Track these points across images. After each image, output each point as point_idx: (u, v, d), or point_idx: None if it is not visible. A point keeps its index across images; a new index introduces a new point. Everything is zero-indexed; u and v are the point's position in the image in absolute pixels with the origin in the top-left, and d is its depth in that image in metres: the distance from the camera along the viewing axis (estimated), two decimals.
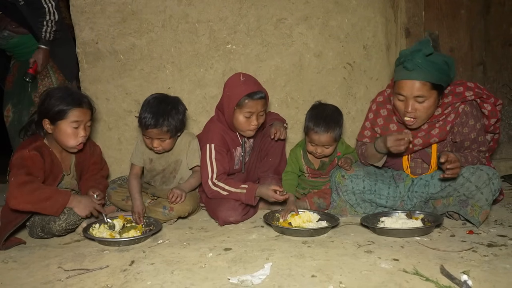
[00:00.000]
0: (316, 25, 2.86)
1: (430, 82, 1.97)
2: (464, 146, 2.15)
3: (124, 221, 2.14)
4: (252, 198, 2.20)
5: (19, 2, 2.67)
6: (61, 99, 2.04)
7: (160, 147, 2.27)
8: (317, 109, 2.38)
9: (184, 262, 1.67)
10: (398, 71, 2.04)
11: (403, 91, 2.01)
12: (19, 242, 1.98)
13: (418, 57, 1.94)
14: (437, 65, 1.96)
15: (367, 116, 2.34)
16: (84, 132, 2.09)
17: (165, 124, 2.19)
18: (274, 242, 1.89)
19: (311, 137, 2.32)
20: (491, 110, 2.14)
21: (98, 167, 2.39)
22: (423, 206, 2.27)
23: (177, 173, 2.41)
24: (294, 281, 1.45)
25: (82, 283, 1.51)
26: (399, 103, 2.07)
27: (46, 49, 2.78)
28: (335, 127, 2.30)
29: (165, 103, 2.26)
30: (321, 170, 2.47)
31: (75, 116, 2.04)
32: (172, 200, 2.17)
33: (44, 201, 1.92)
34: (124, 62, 2.82)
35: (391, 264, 1.59)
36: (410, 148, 2.16)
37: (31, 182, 1.92)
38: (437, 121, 2.12)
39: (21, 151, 2.00)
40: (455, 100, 2.09)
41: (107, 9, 2.76)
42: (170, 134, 2.24)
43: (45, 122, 2.06)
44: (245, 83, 2.23)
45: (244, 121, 2.25)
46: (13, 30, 2.78)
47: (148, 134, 2.24)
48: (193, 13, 2.80)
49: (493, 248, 1.74)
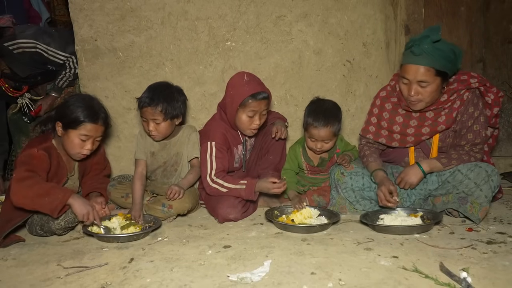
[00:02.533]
0: (316, 22, 2.86)
1: (435, 68, 1.99)
2: (461, 135, 2.16)
3: (123, 218, 2.13)
4: (252, 193, 2.20)
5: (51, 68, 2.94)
6: (79, 109, 2.04)
7: (156, 132, 2.28)
8: (316, 104, 2.38)
9: (183, 259, 1.67)
10: (406, 55, 2.08)
11: (407, 74, 2.05)
12: (18, 239, 1.98)
13: (425, 43, 1.97)
14: (443, 52, 1.99)
15: (371, 111, 2.34)
16: (91, 146, 2.09)
17: (159, 103, 2.22)
18: (273, 240, 1.89)
19: (311, 132, 2.32)
20: (494, 99, 2.17)
21: (100, 166, 2.39)
22: (422, 203, 2.27)
23: (178, 166, 2.42)
24: (294, 278, 1.45)
25: (81, 281, 1.51)
26: (403, 86, 2.11)
27: (55, 97, 3.00)
28: (334, 121, 2.30)
29: (165, 87, 2.32)
30: (320, 166, 2.47)
31: (86, 130, 2.05)
32: (171, 197, 2.17)
33: (43, 197, 1.88)
34: (123, 60, 2.81)
35: (391, 261, 1.59)
36: (417, 138, 2.19)
37: (31, 178, 1.90)
38: (443, 108, 2.14)
39: (30, 149, 2.00)
40: (460, 87, 2.12)
41: (105, 6, 2.75)
42: (164, 115, 2.25)
43: (58, 125, 2.08)
44: (249, 83, 2.22)
45: (246, 121, 2.25)
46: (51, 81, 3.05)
47: (143, 115, 2.28)
48: (192, 10, 2.79)
49: (492, 245, 1.74)
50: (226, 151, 2.34)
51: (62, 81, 2.93)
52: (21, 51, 2.78)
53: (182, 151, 2.40)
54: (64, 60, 2.86)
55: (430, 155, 2.22)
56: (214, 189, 2.25)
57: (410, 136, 2.21)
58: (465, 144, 2.15)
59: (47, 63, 2.88)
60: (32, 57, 2.81)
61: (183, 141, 2.40)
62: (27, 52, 2.79)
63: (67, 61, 2.87)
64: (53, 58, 2.85)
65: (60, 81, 2.93)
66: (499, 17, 3.11)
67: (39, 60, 2.85)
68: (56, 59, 2.85)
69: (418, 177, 2.15)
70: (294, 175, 2.49)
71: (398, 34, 3.00)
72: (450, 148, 2.20)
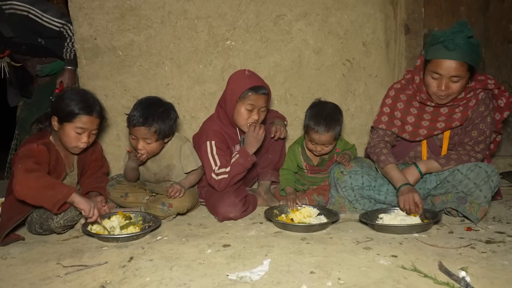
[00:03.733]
0: (316, 21, 2.86)
1: (467, 63, 2.00)
2: (466, 131, 2.17)
3: (123, 218, 2.13)
4: (246, 153, 2.22)
5: (40, 42, 2.86)
6: (74, 101, 2.04)
7: (144, 150, 2.21)
8: (317, 107, 2.37)
9: (183, 258, 1.67)
10: (436, 50, 2.04)
11: (440, 69, 2.03)
12: (18, 238, 1.98)
13: (460, 38, 1.97)
14: (475, 47, 2.01)
15: (384, 102, 2.34)
16: (87, 138, 2.09)
17: (153, 124, 2.16)
18: (273, 239, 1.89)
19: (311, 136, 2.32)
20: (506, 103, 2.19)
21: (99, 164, 2.40)
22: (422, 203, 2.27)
23: (170, 178, 2.38)
24: (293, 278, 1.46)
25: (80, 279, 1.51)
26: (431, 81, 2.09)
27: (71, 69, 2.93)
28: (335, 126, 2.30)
29: (158, 105, 2.24)
30: (320, 166, 2.47)
31: (81, 122, 2.05)
32: (172, 195, 2.17)
33: (47, 190, 1.86)
34: (122, 58, 2.81)
35: (390, 260, 1.59)
36: (430, 131, 2.20)
37: (38, 170, 1.90)
38: (458, 105, 2.16)
39: (29, 144, 2.00)
40: (477, 86, 2.13)
41: (105, 4, 2.75)
42: (157, 136, 2.20)
43: (54, 119, 2.08)
44: (250, 77, 2.27)
45: (245, 114, 2.25)
46: (43, 62, 2.99)
47: (134, 133, 2.20)
48: (192, 9, 2.79)
49: (491, 245, 1.74)
50: (226, 149, 2.34)
51: (69, 52, 2.87)
52: (12, 12, 2.74)
53: (174, 163, 2.35)
54: (59, 27, 2.82)
55: (442, 151, 2.24)
56: (222, 181, 2.23)
57: (423, 128, 2.22)
58: (468, 141, 2.16)
59: (38, 33, 2.82)
60: (22, 21, 2.76)
61: (173, 152, 2.34)
62: (18, 14, 2.74)
63: (63, 28, 2.82)
64: (48, 25, 2.80)
65: (67, 53, 2.88)
66: (499, 17, 3.11)
67: (28, 27, 2.78)
68: (52, 26, 2.80)
69: (415, 177, 2.16)
70: (292, 173, 2.50)
71: (398, 33, 3.00)
72: (457, 145, 2.21)
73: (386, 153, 2.25)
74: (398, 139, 2.34)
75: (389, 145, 2.32)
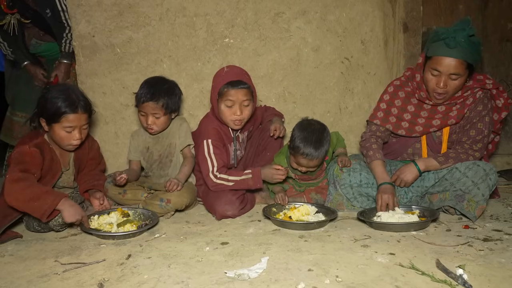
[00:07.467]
0: (314, 19, 2.85)
1: (467, 62, 2.01)
2: (464, 130, 2.18)
3: (121, 214, 2.13)
4: (259, 180, 2.22)
5: (47, 13, 2.83)
6: (56, 101, 2.00)
7: (154, 125, 2.33)
8: (306, 131, 2.25)
9: (181, 256, 1.67)
10: (437, 47, 2.05)
11: (440, 66, 2.04)
12: (15, 235, 1.97)
13: (461, 36, 1.97)
14: (476, 45, 2.01)
15: (382, 98, 2.35)
16: (79, 135, 2.07)
17: (161, 98, 2.29)
18: (271, 236, 1.89)
19: (299, 160, 2.25)
20: (504, 104, 2.20)
21: (96, 162, 2.39)
22: (419, 200, 2.28)
23: (173, 156, 2.45)
24: (291, 275, 1.46)
25: (78, 277, 1.51)
26: (431, 78, 2.10)
27: (67, 63, 2.91)
28: (324, 150, 2.24)
29: (163, 82, 2.38)
30: (310, 175, 2.43)
31: (68, 121, 2.02)
32: (169, 188, 2.18)
33: (33, 201, 1.85)
34: (121, 56, 2.81)
35: (387, 258, 1.60)
36: (426, 128, 2.21)
37: (25, 180, 1.88)
38: (455, 103, 2.16)
39: (22, 146, 1.99)
40: (475, 85, 2.14)
41: (103, 2, 2.74)
42: (165, 110, 2.32)
43: (42, 121, 2.06)
44: (227, 73, 2.24)
45: (226, 111, 2.24)
46: (40, 38, 2.96)
47: (143, 109, 2.32)
48: (191, 7, 2.78)
49: (488, 243, 1.75)
50: (222, 147, 2.34)
51: (67, 44, 2.86)
52: None
53: (175, 141, 2.44)
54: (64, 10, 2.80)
55: (441, 149, 2.24)
56: (219, 185, 2.24)
57: (419, 125, 2.23)
58: (466, 140, 2.16)
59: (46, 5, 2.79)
60: None
61: (175, 131, 2.45)
62: None
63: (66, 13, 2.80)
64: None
65: (66, 45, 2.86)
66: (497, 16, 3.11)
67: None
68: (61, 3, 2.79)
69: (414, 175, 2.16)
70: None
71: (396, 31, 3.00)
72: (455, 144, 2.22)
73: (375, 148, 2.25)
74: (393, 136, 2.35)
75: (380, 140, 2.32)
